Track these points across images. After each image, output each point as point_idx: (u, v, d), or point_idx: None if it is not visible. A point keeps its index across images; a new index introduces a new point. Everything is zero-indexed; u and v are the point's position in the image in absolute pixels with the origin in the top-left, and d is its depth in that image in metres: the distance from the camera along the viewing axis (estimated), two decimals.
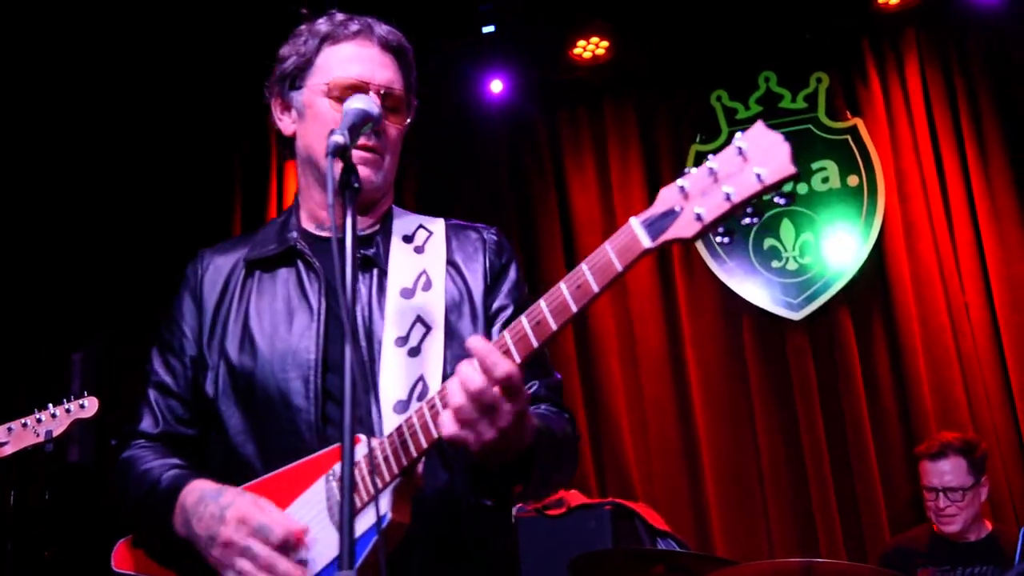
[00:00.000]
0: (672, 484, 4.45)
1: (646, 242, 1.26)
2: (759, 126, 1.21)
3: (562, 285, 1.32)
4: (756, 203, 1.22)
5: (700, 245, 4.63)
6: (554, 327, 1.33)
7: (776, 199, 1.23)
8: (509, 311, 1.73)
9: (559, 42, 4.56)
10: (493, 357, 1.32)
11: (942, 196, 4.46)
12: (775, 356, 4.55)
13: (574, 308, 1.31)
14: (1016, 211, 4.36)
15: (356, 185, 1.44)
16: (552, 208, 4.52)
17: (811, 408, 4.40)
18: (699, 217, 1.22)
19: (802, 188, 4.62)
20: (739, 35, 4.52)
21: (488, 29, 4.28)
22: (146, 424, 1.73)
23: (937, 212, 4.44)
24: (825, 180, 4.56)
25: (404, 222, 1.82)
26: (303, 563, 1.52)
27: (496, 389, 1.33)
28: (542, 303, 1.34)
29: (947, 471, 3.67)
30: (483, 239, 1.82)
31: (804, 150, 4.67)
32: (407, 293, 1.71)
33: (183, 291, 1.81)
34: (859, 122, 4.53)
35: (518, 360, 1.36)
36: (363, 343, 1.65)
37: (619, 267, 1.27)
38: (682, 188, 1.26)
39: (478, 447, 1.35)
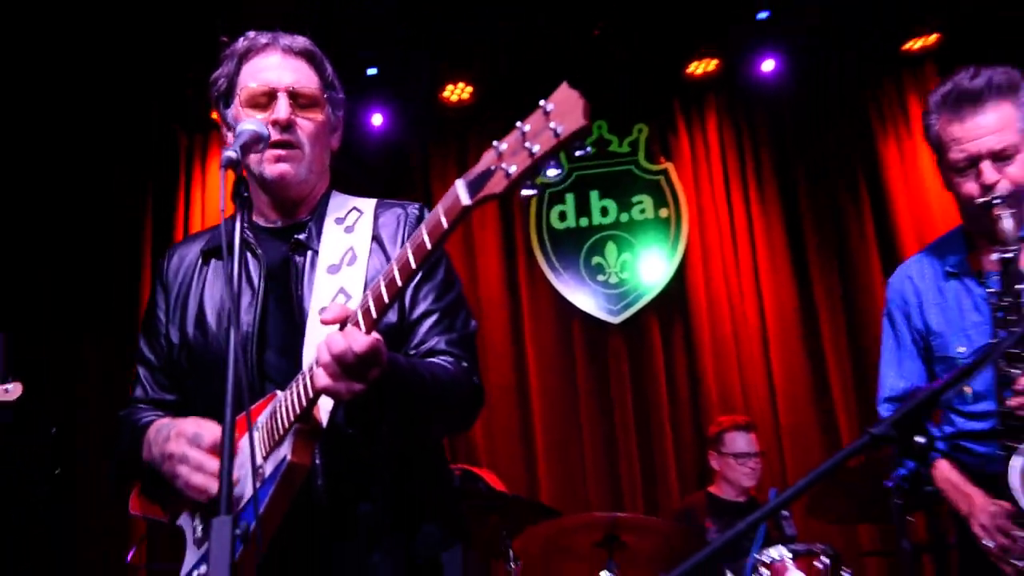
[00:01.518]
0: (511, 453, 4.99)
1: (465, 199, 1.31)
2: (563, 87, 1.27)
3: (407, 247, 1.41)
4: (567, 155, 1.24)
5: (541, 260, 5.21)
6: (400, 283, 1.42)
7: (576, 152, 1.26)
8: (419, 278, 1.81)
9: (431, 85, 5.02)
10: (357, 336, 1.43)
11: (731, 229, 5.19)
12: (597, 352, 5.16)
13: (413, 265, 1.39)
14: (785, 245, 5.18)
15: (246, 195, 1.54)
16: None
17: (623, 394, 5.04)
18: (507, 174, 1.26)
19: (624, 217, 5.25)
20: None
21: (372, 71, 4.73)
22: (138, 393, 1.91)
23: (726, 242, 5.19)
24: (642, 211, 5.20)
25: (338, 205, 1.88)
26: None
27: (356, 359, 1.42)
28: (393, 265, 1.44)
29: (754, 441, 4.39)
30: (406, 214, 1.88)
31: (627, 186, 5.39)
32: (333, 269, 1.79)
33: (156, 282, 1.96)
34: (670, 166, 5.19)
35: (375, 315, 1.45)
36: (295, 314, 1.74)
37: (445, 225, 1.34)
38: (497, 148, 1.30)
39: (350, 396, 1.46)
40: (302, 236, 1.79)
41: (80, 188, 4.72)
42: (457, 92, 5.07)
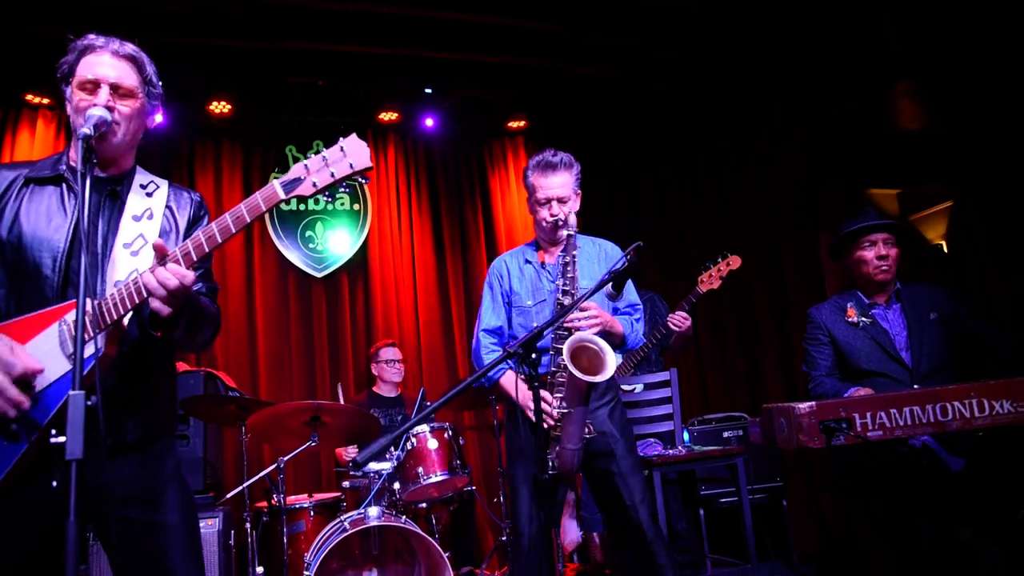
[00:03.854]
0: (240, 362, 6.00)
1: (281, 194, 1.65)
2: (354, 137, 1.62)
3: (227, 215, 1.66)
4: (347, 180, 1.67)
5: (271, 230, 6.21)
6: (219, 240, 1.70)
7: (360, 179, 1.63)
8: None
9: (201, 98, 5.89)
10: (184, 271, 1.70)
11: (398, 221, 6.61)
12: (304, 295, 6.33)
13: (233, 230, 1.68)
14: (431, 233, 6.73)
15: (94, 160, 1.80)
16: None
17: (320, 324, 6.29)
18: (315, 184, 1.62)
19: (330, 207, 6.41)
20: (301, 119, 6.29)
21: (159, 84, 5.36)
22: None
23: (394, 228, 6.60)
24: (342, 204, 6.45)
25: (142, 177, 2.12)
26: (32, 389, 1.76)
27: (183, 288, 1.71)
28: (213, 226, 1.68)
29: (398, 352, 5.53)
30: (192, 198, 2.18)
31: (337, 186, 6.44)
32: (136, 218, 1.99)
33: None
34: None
35: (195, 258, 1.71)
36: (99, 245, 1.90)
37: (263, 207, 1.65)
38: (306, 166, 1.62)
39: (168, 313, 1.77)
40: (118, 188, 2.01)
41: None
42: (220, 106, 6.01)
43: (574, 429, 2.76)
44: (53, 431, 1.63)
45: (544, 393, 2.83)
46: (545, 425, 2.78)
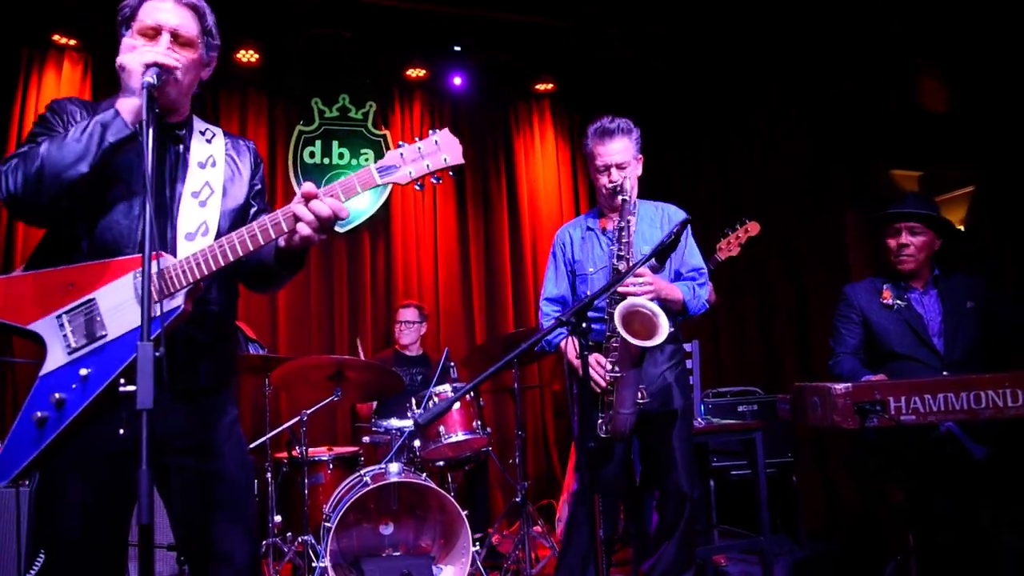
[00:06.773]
0: (260, 313, 6.04)
1: (377, 179, 1.73)
2: (447, 132, 1.71)
3: (339, 188, 1.80)
4: (438, 173, 1.73)
5: (294, 183, 6.15)
6: (343, 199, 1.83)
7: (450, 173, 1.73)
8: (259, 187, 2.15)
9: (227, 46, 5.34)
10: (340, 204, 1.77)
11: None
12: (326, 251, 6.34)
13: (343, 199, 1.81)
14: (453, 191, 6.68)
15: (156, 110, 1.78)
16: None
17: (341, 280, 6.30)
18: (410, 174, 1.70)
19: (354, 162, 6.37)
20: (328, 72, 6.25)
21: None
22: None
23: (417, 188, 6.89)
24: (366, 160, 6.33)
25: (200, 124, 2.14)
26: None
27: (333, 218, 1.76)
28: (326, 193, 1.82)
29: (415, 314, 5.58)
30: (248, 146, 2.21)
31: (358, 142, 6.42)
32: (201, 165, 2.00)
33: (76, 103, 2.00)
34: (388, 133, 6.47)
35: (285, 229, 1.81)
36: (168, 193, 1.90)
37: (359, 190, 1.76)
38: (402, 154, 1.71)
39: (314, 242, 1.81)
40: (180, 132, 2.02)
41: None
42: (247, 56, 5.99)
43: (627, 393, 2.82)
44: (122, 380, 1.62)
45: (598, 357, 2.93)
46: (597, 390, 2.89)
